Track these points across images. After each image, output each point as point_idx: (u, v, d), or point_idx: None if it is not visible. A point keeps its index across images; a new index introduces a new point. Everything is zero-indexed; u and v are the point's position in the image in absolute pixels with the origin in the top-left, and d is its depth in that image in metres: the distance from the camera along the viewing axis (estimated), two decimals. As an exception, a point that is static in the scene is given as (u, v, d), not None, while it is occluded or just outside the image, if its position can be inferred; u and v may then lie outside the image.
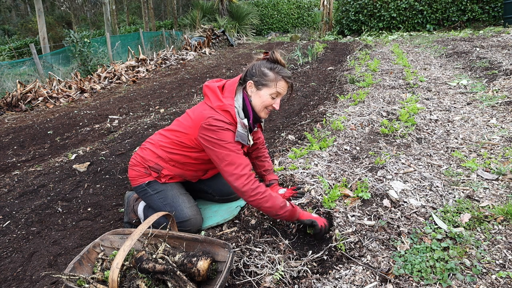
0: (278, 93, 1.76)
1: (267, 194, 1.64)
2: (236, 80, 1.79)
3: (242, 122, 1.73)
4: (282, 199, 1.68)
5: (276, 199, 1.65)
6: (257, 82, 1.75)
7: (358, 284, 1.43)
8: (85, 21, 30.59)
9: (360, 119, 3.41)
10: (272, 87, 1.74)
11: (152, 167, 1.91)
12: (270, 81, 1.73)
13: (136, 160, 1.98)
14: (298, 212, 1.71)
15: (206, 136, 1.68)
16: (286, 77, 1.75)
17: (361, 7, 13.58)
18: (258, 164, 2.19)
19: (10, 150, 4.07)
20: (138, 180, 1.95)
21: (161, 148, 1.90)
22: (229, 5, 17.88)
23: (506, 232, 1.63)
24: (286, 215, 1.66)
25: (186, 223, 1.84)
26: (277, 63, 1.76)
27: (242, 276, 1.52)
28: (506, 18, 10.54)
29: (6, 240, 2.13)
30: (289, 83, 1.78)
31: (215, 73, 8.21)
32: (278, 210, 1.64)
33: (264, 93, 1.75)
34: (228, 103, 1.71)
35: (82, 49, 8.86)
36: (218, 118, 1.68)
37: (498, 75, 4.54)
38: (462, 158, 2.46)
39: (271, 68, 1.74)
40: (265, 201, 1.63)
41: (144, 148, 1.98)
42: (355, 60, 7.51)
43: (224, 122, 1.68)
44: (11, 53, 17.55)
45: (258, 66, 1.76)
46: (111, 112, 5.54)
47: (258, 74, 1.74)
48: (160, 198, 1.90)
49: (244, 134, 1.75)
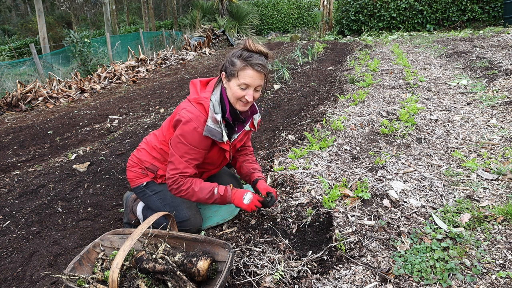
0: (245, 83, 1.58)
1: (190, 190, 1.70)
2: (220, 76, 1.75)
3: (213, 116, 1.64)
4: (210, 189, 1.72)
5: (201, 192, 1.71)
6: (227, 72, 1.64)
7: (358, 284, 1.43)
8: (85, 21, 30.59)
9: (360, 119, 3.41)
10: (238, 77, 1.58)
11: (149, 167, 1.92)
12: (236, 69, 1.58)
13: (132, 161, 1.98)
14: (230, 198, 1.75)
15: (176, 125, 1.70)
16: (252, 64, 1.55)
17: (361, 7, 13.58)
18: (246, 165, 2.03)
19: (10, 150, 4.07)
20: (136, 181, 1.96)
21: (154, 149, 1.91)
22: (229, 5, 17.88)
23: (506, 232, 1.63)
24: (218, 202, 1.76)
25: (185, 223, 1.84)
26: (248, 51, 1.58)
27: (242, 276, 1.52)
28: (506, 18, 10.54)
29: (6, 240, 2.13)
30: (259, 72, 1.57)
31: (215, 73, 8.21)
32: (207, 200, 1.73)
33: (232, 84, 1.62)
34: (203, 96, 1.68)
35: (82, 49, 8.87)
36: (190, 110, 1.66)
37: (498, 75, 4.54)
38: (462, 158, 2.46)
39: (240, 55, 1.58)
40: (190, 195, 1.72)
41: (140, 149, 1.98)
42: (355, 60, 7.51)
43: (194, 115, 1.64)
44: (11, 53, 17.56)
45: (230, 55, 1.63)
46: (111, 112, 5.54)
47: (228, 63, 1.63)
48: (159, 199, 1.91)
49: (215, 130, 1.66)
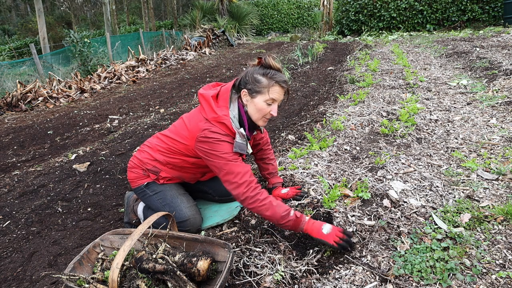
0: (273, 99, 1.68)
1: (266, 202, 1.58)
2: (229, 87, 1.73)
3: (240, 132, 1.69)
4: (286, 208, 1.59)
5: (278, 208, 1.57)
6: (250, 90, 1.68)
7: (358, 284, 1.43)
8: (85, 21, 30.60)
9: (360, 119, 3.41)
10: (266, 94, 1.66)
11: (150, 169, 1.91)
12: (264, 87, 1.66)
13: (134, 163, 1.98)
14: (304, 223, 1.59)
15: (203, 148, 1.68)
16: (280, 82, 1.67)
17: (361, 7, 13.58)
18: (263, 167, 2.17)
19: (10, 150, 4.07)
20: (137, 181, 1.96)
21: (158, 152, 1.90)
22: (229, 5, 17.87)
23: (506, 232, 1.63)
24: (289, 225, 1.59)
25: (185, 223, 1.84)
26: (271, 68, 1.69)
27: (242, 276, 1.52)
28: (506, 18, 10.55)
29: (6, 240, 2.13)
30: (284, 88, 1.69)
31: (215, 73, 8.21)
32: (279, 219, 1.57)
33: (258, 100, 1.68)
34: (222, 114, 1.66)
35: (82, 49, 8.87)
36: (214, 130, 1.65)
37: (498, 75, 4.54)
38: (462, 158, 2.46)
39: (264, 73, 1.67)
40: (265, 209, 1.58)
41: (142, 151, 1.97)
42: (355, 60, 7.51)
43: (220, 134, 1.65)
44: (11, 53, 17.57)
45: (251, 73, 1.69)
46: (111, 112, 5.54)
47: (251, 81, 1.68)
48: (159, 199, 1.91)
49: (243, 144, 1.71)
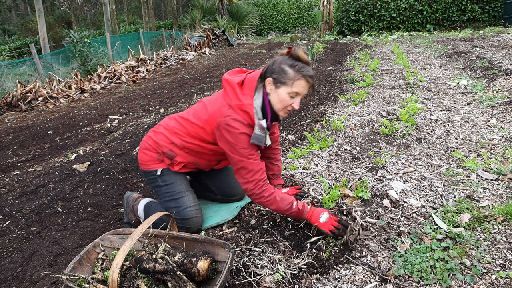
0: (297, 92, 1.65)
1: (271, 198, 1.67)
2: (256, 76, 1.69)
3: (260, 124, 1.66)
4: (289, 201, 1.68)
5: (281, 202, 1.68)
6: (276, 79, 1.64)
7: (358, 284, 1.43)
8: (85, 21, 30.60)
9: (360, 119, 3.41)
10: (291, 86, 1.63)
11: (166, 153, 1.85)
12: (289, 79, 1.62)
13: (148, 144, 1.90)
14: (306, 213, 1.71)
15: (222, 135, 1.66)
16: (306, 76, 1.63)
17: (361, 7, 13.58)
18: (268, 166, 2.14)
19: (10, 150, 4.07)
20: (150, 165, 1.90)
21: (176, 135, 1.84)
22: (229, 5, 17.87)
23: (506, 232, 1.63)
24: (293, 216, 1.74)
25: (187, 221, 1.84)
26: (299, 61, 1.64)
27: (242, 276, 1.52)
28: (506, 18, 10.55)
29: (6, 240, 2.13)
30: (309, 82, 1.66)
31: (215, 73, 8.21)
32: (284, 212, 1.70)
33: (282, 91, 1.65)
34: (247, 103, 1.64)
35: (82, 49, 8.87)
36: (236, 118, 1.63)
37: (498, 75, 4.54)
38: (462, 158, 2.46)
39: (292, 65, 1.62)
40: (270, 204, 1.69)
41: (158, 132, 1.89)
42: (355, 60, 7.50)
43: (242, 124, 1.63)
44: (11, 53, 17.56)
45: (278, 63, 1.64)
46: (111, 112, 5.54)
47: (277, 71, 1.64)
48: (167, 192, 1.88)
49: (262, 136, 1.68)
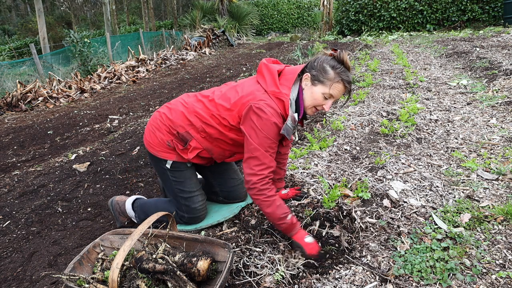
0: (332, 95, 1.62)
1: (271, 199, 1.58)
2: (297, 70, 1.66)
3: (293, 116, 1.62)
4: (286, 211, 1.60)
5: (278, 209, 1.58)
6: (314, 76, 1.62)
7: (358, 284, 1.43)
8: (85, 21, 30.61)
9: (360, 119, 3.41)
10: (328, 87, 1.60)
11: (181, 134, 1.73)
12: (328, 79, 1.59)
13: (161, 122, 1.77)
14: (296, 230, 1.63)
15: (250, 118, 1.57)
16: (346, 81, 1.60)
17: (361, 7, 13.58)
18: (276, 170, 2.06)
19: (10, 150, 4.07)
20: (159, 152, 1.79)
21: (196, 116, 1.72)
22: (229, 5, 17.87)
23: (506, 232, 1.63)
24: (283, 228, 1.62)
25: (194, 219, 1.84)
26: (342, 64, 1.62)
27: (242, 276, 1.52)
28: (506, 18, 10.54)
29: (6, 240, 2.13)
30: (347, 88, 1.63)
31: (215, 73, 8.21)
32: (276, 220, 1.59)
33: (317, 90, 1.62)
34: (284, 92, 1.59)
35: (82, 49, 8.87)
36: (270, 104, 1.56)
37: (498, 75, 4.54)
38: (462, 158, 2.46)
39: (334, 67, 1.60)
40: (267, 205, 1.58)
41: (174, 110, 1.76)
42: (355, 60, 7.50)
43: (275, 111, 1.57)
44: (11, 53, 17.56)
45: (321, 61, 1.63)
46: (111, 112, 5.54)
47: (318, 68, 1.62)
48: (177, 188, 1.84)
49: (291, 128, 1.63)
